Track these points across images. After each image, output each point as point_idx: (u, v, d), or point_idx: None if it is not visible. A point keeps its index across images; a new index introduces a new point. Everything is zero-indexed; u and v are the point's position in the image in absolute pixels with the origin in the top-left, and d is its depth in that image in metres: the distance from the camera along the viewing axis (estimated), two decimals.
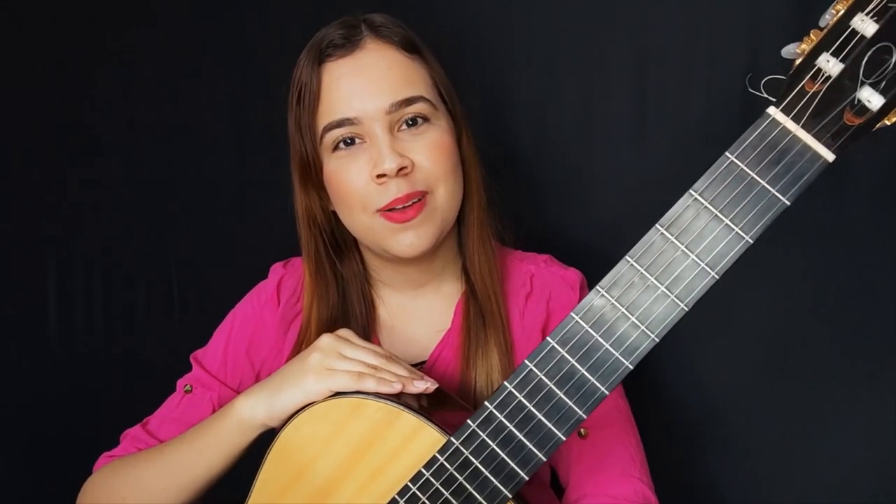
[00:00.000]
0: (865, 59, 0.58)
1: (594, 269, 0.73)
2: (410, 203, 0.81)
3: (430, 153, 0.82)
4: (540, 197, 1.18)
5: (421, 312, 0.92)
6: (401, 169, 0.80)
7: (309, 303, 0.90)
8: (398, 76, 0.82)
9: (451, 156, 0.84)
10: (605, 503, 0.76)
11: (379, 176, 0.81)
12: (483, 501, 0.69)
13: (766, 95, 0.62)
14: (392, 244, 0.83)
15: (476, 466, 0.68)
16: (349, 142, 0.83)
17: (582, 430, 0.83)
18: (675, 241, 0.63)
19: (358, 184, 0.82)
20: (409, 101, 0.82)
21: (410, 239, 0.82)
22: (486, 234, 0.89)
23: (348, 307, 0.90)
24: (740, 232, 0.61)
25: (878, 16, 0.58)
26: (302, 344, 0.89)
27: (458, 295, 0.91)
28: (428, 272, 0.91)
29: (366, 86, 0.81)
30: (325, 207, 0.89)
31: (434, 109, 0.84)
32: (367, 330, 0.90)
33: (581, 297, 0.88)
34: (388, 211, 0.82)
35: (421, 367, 0.89)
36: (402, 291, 0.92)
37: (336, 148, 0.83)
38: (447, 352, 0.90)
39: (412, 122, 0.82)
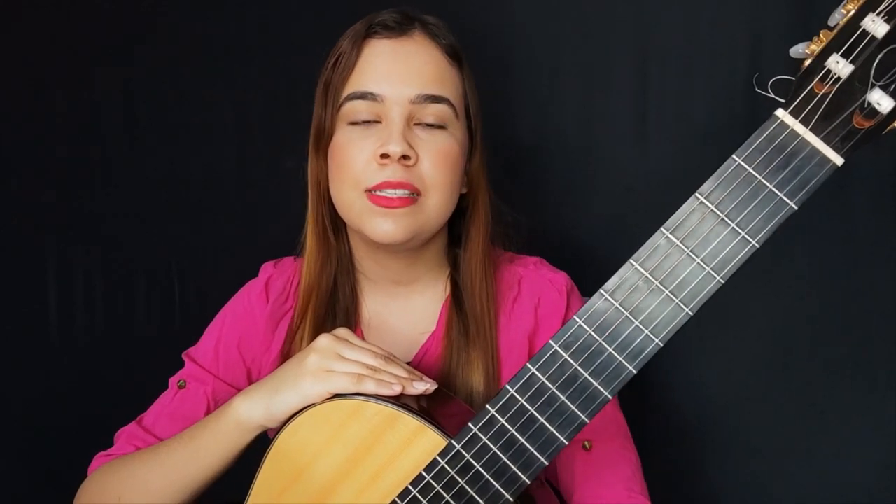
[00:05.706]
0: (876, 60, 0.57)
1: (595, 269, 0.73)
2: (399, 195, 0.81)
3: (436, 157, 0.82)
4: (540, 197, 1.17)
5: (403, 313, 0.91)
6: (404, 156, 0.81)
7: (312, 267, 0.89)
8: (433, 73, 0.83)
9: (454, 168, 0.84)
10: None
11: (382, 156, 0.81)
12: None
13: (773, 96, 0.61)
14: (368, 226, 0.83)
15: (477, 470, 0.68)
16: (366, 122, 0.83)
17: (586, 443, 0.82)
18: (680, 244, 0.62)
19: (359, 160, 0.82)
20: (435, 99, 0.83)
21: (388, 226, 0.81)
22: (489, 260, 0.89)
23: (338, 289, 0.90)
24: (746, 236, 0.61)
25: (889, 16, 0.57)
26: (301, 321, 0.88)
27: (443, 299, 0.91)
28: (409, 272, 0.90)
29: (401, 70, 0.82)
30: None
31: (455, 118, 0.85)
32: (351, 319, 0.90)
33: (569, 302, 0.89)
34: (375, 194, 0.81)
35: None
36: (383, 288, 0.91)
37: (351, 122, 0.84)
38: (431, 354, 0.89)
39: (430, 124, 0.83)
